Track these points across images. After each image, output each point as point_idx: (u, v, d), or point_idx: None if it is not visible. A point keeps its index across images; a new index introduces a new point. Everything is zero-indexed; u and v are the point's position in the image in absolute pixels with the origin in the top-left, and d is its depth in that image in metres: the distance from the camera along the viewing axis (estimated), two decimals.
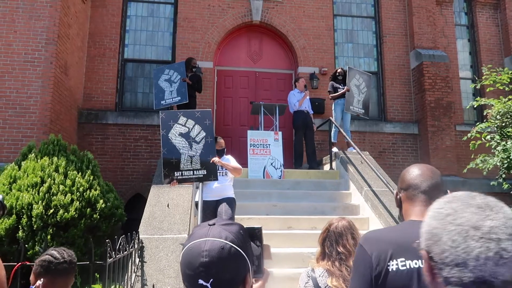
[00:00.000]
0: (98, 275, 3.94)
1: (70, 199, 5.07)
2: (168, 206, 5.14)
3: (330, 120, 7.90)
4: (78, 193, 5.21)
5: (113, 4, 9.30)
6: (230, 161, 5.07)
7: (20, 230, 4.90)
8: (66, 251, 2.08)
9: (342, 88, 7.89)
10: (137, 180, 8.56)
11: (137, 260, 4.25)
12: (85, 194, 5.26)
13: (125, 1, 9.50)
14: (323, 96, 9.14)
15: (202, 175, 4.64)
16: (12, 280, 2.71)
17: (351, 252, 2.23)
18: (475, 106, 7.62)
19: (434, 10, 10.16)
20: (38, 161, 5.48)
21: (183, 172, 4.60)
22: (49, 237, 4.81)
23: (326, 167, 7.83)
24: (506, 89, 7.06)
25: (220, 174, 4.89)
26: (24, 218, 4.91)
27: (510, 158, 6.29)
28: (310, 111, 8.14)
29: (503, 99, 6.79)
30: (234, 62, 9.71)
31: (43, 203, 4.96)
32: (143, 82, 9.39)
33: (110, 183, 6.31)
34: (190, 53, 9.04)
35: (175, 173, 4.60)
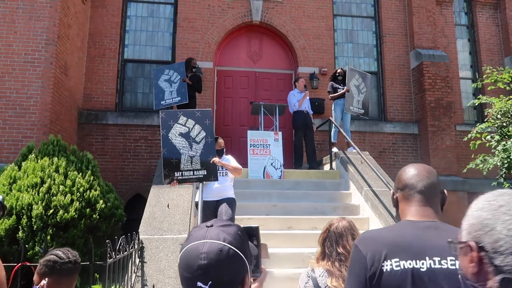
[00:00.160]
0: (98, 276, 3.94)
1: (70, 200, 5.07)
2: (168, 207, 5.14)
3: (330, 120, 7.90)
4: (78, 193, 5.21)
5: (113, 4, 9.30)
6: (230, 161, 5.07)
7: (20, 231, 4.90)
8: (70, 252, 2.08)
9: (342, 88, 7.89)
10: (137, 180, 8.56)
11: (137, 260, 4.25)
12: (85, 194, 5.26)
13: (125, 1, 9.50)
14: (323, 96, 9.14)
15: (202, 175, 4.63)
16: (12, 280, 2.71)
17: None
18: (476, 104, 7.60)
19: (434, 10, 10.16)
20: (38, 161, 5.48)
21: (183, 172, 4.59)
22: (49, 237, 4.81)
23: (326, 167, 7.83)
24: (507, 88, 7.04)
25: (220, 174, 4.89)
26: (24, 219, 4.91)
27: (510, 158, 6.28)
28: (310, 111, 8.14)
29: (504, 98, 6.78)
30: (234, 62, 9.71)
31: (43, 204, 4.96)
32: (143, 83, 9.38)
33: (110, 184, 6.31)
34: (190, 53, 9.04)
35: (175, 173, 4.59)
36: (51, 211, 4.94)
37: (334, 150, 7.71)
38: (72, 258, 2.04)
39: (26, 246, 4.77)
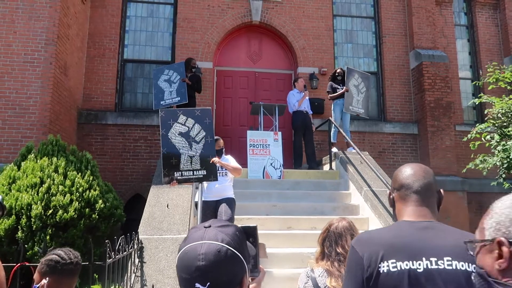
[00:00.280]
0: (97, 276, 3.94)
1: (69, 200, 5.07)
2: (167, 207, 5.14)
3: (329, 120, 7.90)
4: (77, 193, 5.20)
5: (112, 4, 9.29)
6: (230, 161, 5.07)
7: (19, 231, 4.89)
8: (72, 252, 2.08)
9: (341, 88, 7.89)
10: (136, 180, 8.55)
11: (136, 260, 4.24)
12: (84, 194, 5.25)
13: (124, 1, 9.50)
14: (323, 96, 9.13)
15: (202, 175, 4.62)
16: (11, 280, 2.71)
17: None
18: (476, 104, 7.59)
19: (433, 10, 10.16)
20: (38, 161, 5.48)
21: (183, 172, 4.59)
22: (48, 237, 4.81)
23: (326, 167, 7.83)
24: (508, 87, 7.02)
25: (220, 175, 4.88)
26: (23, 219, 4.91)
27: (510, 158, 6.28)
28: (309, 111, 8.14)
29: (505, 98, 6.78)
30: (233, 63, 9.71)
31: (42, 204, 4.96)
32: (143, 83, 9.38)
33: (109, 184, 6.31)
34: (190, 53, 9.04)
35: (175, 173, 4.58)
36: (51, 211, 4.94)
37: (334, 150, 7.71)
38: (74, 260, 2.04)
39: (26, 246, 4.76)
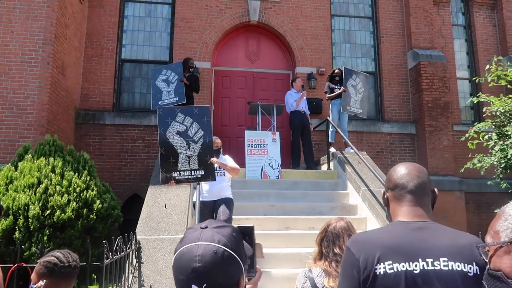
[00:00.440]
0: (95, 276, 3.93)
1: (66, 200, 5.05)
2: (165, 207, 5.13)
3: (327, 120, 7.91)
4: (75, 193, 5.19)
5: (110, 4, 9.27)
6: (228, 161, 5.06)
7: (16, 231, 4.88)
8: (71, 255, 2.07)
9: (339, 88, 7.89)
10: (134, 180, 8.54)
11: (134, 261, 4.24)
12: (81, 194, 5.24)
13: (122, 1, 9.48)
14: (321, 96, 9.14)
15: (200, 176, 4.60)
16: (8, 281, 2.70)
17: None
18: (475, 103, 7.59)
19: (431, 11, 10.18)
20: (35, 161, 5.46)
21: (181, 172, 4.57)
22: (45, 238, 4.79)
23: (324, 167, 7.83)
24: (508, 86, 6.99)
25: (218, 175, 4.87)
26: (20, 219, 4.89)
27: (507, 157, 6.29)
28: (307, 111, 8.15)
29: (503, 98, 6.78)
30: (231, 62, 9.70)
31: (40, 204, 4.95)
32: (141, 83, 9.36)
33: (107, 184, 6.29)
34: (188, 53, 9.03)
35: (173, 173, 4.57)
36: (48, 212, 4.92)
37: (332, 150, 7.71)
38: (72, 263, 2.03)
39: (23, 246, 4.74)
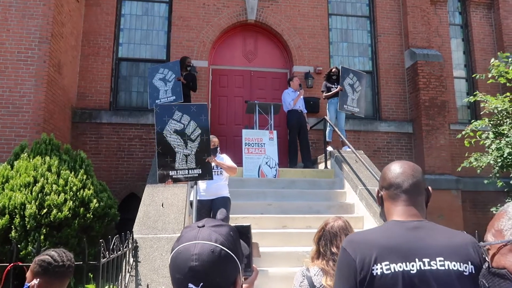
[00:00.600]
0: (91, 275, 3.92)
1: (63, 199, 5.03)
2: (162, 206, 5.12)
3: (324, 119, 7.91)
4: (71, 192, 5.17)
5: (107, 2, 9.24)
6: (225, 160, 5.06)
7: (13, 230, 4.86)
8: (66, 254, 2.06)
9: (336, 87, 7.90)
10: (131, 179, 8.52)
11: (131, 260, 4.23)
12: (78, 193, 5.22)
13: None
14: (318, 95, 9.14)
15: (197, 174, 4.58)
16: (4, 280, 2.69)
17: None
18: (472, 102, 7.62)
19: (428, 10, 10.20)
20: (31, 160, 5.44)
21: (178, 171, 4.56)
22: (42, 237, 4.77)
23: (321, 166, 7.83)
24: (507, 84, 7.00)
25: (215, 173, 4.87)
26: (17, 218, 4.87)
27: (504, 156, 6.32)
28: (304, 110, 8.15)
29: (500, 97, 6.80)
30: (229, 61, 9.69)
31: (36, 203, 4.93)
32: (138, 81, 9.33)
33: (103, 183, 6.27)
34: (185, 52, 9.01)
35: (170, 172, 4.55)
36: (45, 211, 4.90)
37: (329, 149, 7.72)
38: (66, 262, 2.02)
39: (19, 246, 4.73)
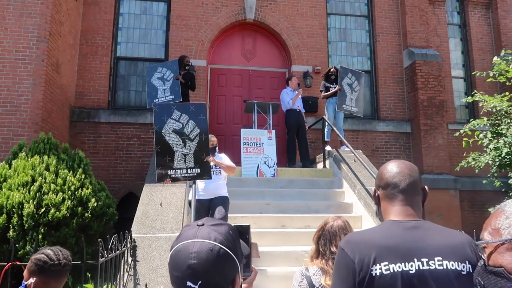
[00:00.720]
0: (90, 275, 3.92)
1: (61, 198, 5.02)
2: (161, 205, 5.12)
3: (323, 118, 7.91)
4: (69, 192, 5.16)
5: (105, 1, 9.22)
6: (224, 159, 5.06)
7: (10, 230, 4.85)
8: (62, 252, 2.05)
9: (334, 87, 7.90)
10: (130, 178, 8.51)
11: (129, 259, 4.22)
12: (76, 193, 5.21)
13: None
14: (317, 94, 9.14)
15: (195, 174, 4.58)
16: (2, 280, 2.68)
17: None
18: (470, 101, 7.63)
19: (426, 10, 10.21)
20: (29, 160, 5.43)
21: (177, 170, 4.55)
22: (40, 236, 4.77)
23: (320, 166, 7.84)
24: (507, 83, 7.00)
25: (213, 173, 4.86)
26: (15, 218, 4.86)
27: (502, 156, 6.33)
28: (302, 110, 8.15)
29: (498, 96, 6.81)
30: (227, 61, 9.68)
31: (34, 202, 4.91)
32: (136, 80, 9.32)
33: (102, 182, 6.26)
34: (183, 51, 9.00)
35: (169, 171, 4.55)
36: (43, 210, 4.89)
37: (328, 148, 7.73)
38: (62, 261, 2.01)
39: (17, 245, 4.71)
